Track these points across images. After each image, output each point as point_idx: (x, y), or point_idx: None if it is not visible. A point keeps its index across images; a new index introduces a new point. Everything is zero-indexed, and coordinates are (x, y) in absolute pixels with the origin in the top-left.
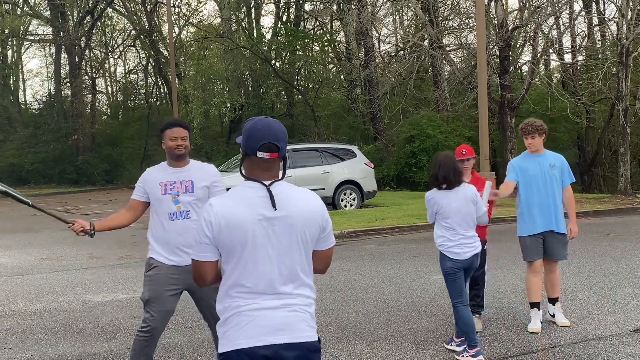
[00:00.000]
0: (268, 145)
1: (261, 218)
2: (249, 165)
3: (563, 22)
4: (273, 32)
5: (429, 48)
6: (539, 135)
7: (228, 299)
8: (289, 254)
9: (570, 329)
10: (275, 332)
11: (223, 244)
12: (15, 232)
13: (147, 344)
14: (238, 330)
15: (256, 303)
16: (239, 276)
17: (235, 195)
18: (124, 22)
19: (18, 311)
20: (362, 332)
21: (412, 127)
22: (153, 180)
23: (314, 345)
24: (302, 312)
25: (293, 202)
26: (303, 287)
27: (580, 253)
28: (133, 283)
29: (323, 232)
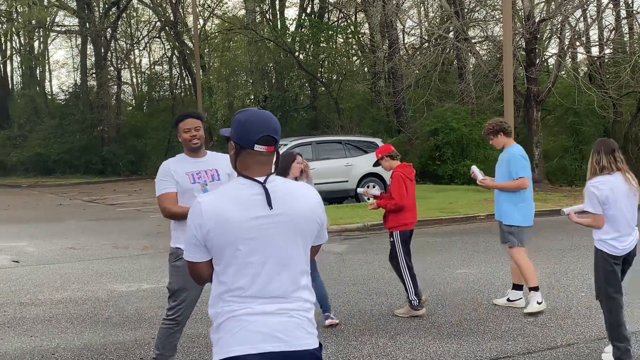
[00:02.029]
0: (266, 138)
1: (255, 217)
2: (243, 159)
3: (590, 15)
4: (297, 24)
5: (454, 40)
6: (493, 136)
7: (221, 302)
8: (287, 254)
9: (595, 325)
10: (271, 339)
11: (212, 245)
12: (40, 222)
13: (172, 332)
14: (232, 337)
15: (250, 308)
16: (231, 279)
17: (227, 194)
18: (149, 13)
19: (44, 300)
20: (385, 325)
21: (436, 120)
22: (179, 171)
23: (313, 353)
24: (300, 318)
25: (291, 199)
26: (301, 290)
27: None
28: (158, 273)
29: (321, 229)
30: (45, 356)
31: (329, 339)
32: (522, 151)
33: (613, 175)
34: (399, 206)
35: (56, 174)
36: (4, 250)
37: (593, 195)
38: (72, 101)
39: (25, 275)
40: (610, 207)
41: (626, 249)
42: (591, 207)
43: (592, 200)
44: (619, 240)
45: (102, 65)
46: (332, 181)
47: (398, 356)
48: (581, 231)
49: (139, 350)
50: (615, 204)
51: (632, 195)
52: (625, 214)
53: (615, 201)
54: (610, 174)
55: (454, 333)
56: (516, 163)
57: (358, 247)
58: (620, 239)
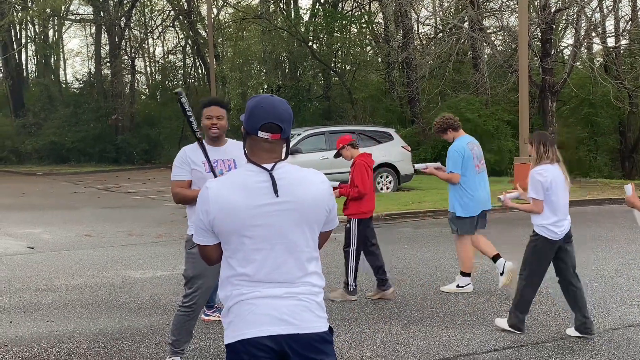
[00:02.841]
0: (270, 125)
1: (261, 205)
2: (250, 145)
3: (606, 5)
4: (311, 13)
5: (469, 30)
6: (442, 133)
7: (230, 286)
8: (294, 240)
9: (609, 315)
10: (279, 322)
11: (219, 230)
12: (56, 209)
13: (188, 319)
14: (242, 320)
15: (258, 291)
16: (238, 264)
17: (234, 180)
18: (163, 2)
19: (60, 286)
20: (399, 313)
21: (450, 110)
22: (196, 160)
23: (322, 336)
24: (308, 302)
25: (299, 186)
26: (309, 275)
27: (620, 239)
28: (172, 260)
29: (329, 215)
30: (61, 340)
31: (342, 326)
32: (460, 147)
33: (553, 165)
34: (362, 194)
35: (70, 162)
36: (19, 237)
37: (538, 182)
38: (86, 90)
39: (41, 261)
40: (552, 194)
41: (562, 233)
42: (535, 193)
43: (537, 187)
44: (557, 225)
45: (116, 54)
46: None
47: (411, 344)
48: (596, 222)
49: (153, 335)
50: (557, 190)
51: (566, 185)
52: (563, 201)
53: (557, 188)
54: (551, 163)
55: (467, 322)
56: (449, 158)
57: None
58: (558, 224)
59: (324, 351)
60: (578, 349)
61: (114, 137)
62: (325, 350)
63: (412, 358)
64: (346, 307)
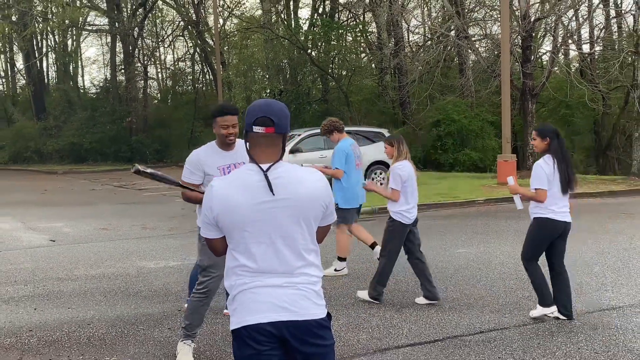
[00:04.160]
0: (262, 118)
1: (260, 202)
2: (250, 144)
3: (582, 15)
4: (310, 23)
5: (455, 38)
6: (329, 134)
7: (234, 276)
8: (291, 235)
9: (586, 300)
10: (279, 309)
11: (222, 225)
12: (75, 205)
13: (201, 304)
14: (245, 308)
15: (260, 281)
16: (241, 255)
17: (236, 179)
18: (173, 13)
19: (80, 275)
20: (392, 299)
21: (438, 112)
22: (211, 165)
23: (320, 322)
24: (306, 290)
25: (295, 184)
26: (307, 266)
27: (596, 230)
28: (183, 251)
29: (326, 210)
30: (81, 326)
31: (340, 311)
32: (345, 146)
33: (407, 162)
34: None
35: (88, 162)
36: (42, 230)
37: (398, 176)
38: (102, 95)
39: (62, 253)
40: (409, 185)
41: (413, 218)
42: (395, 184)
43: (397, 179)
44: (410, 211)
45: (130, 61)
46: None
47: (404, 327)
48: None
49: (166, 321)
50: (412, 182)
51: (415, 178)
52: (415, 192)
53: (412, 181)
54: (406, 159)
55: (455, 307)
56: (334, 156)
57: (366, 228)
58: (411, 210)
59: (321, 336)
60: (557, 331)
61: (128, 138)
62: (323, 335)
63: (405, 340)
64: (344, 294)
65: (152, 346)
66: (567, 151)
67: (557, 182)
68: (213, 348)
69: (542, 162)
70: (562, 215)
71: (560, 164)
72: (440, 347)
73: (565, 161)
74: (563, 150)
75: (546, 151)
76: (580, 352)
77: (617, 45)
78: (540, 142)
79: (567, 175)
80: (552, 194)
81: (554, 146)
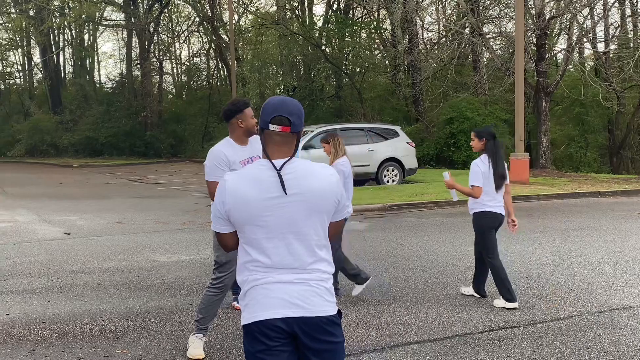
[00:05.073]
0: (279, 118)
1: (272, 197)
2: (264, 141)
3: (597, 13)
4: (324, 19)
5: (469, 36)
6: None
7: (246, 271)
8: (303, 230)
9: (596, 300)
10: (290, 305)
11: (234, 219)
12: (90, 199)
13: (216, 299)
14: (256, 303)
15: (271, 277)
16: (253, 251)
17: (248, 174)
18: (188, 9)
19: (93, 268)
20: (402, 296)
21: (451, 109)
22: (236, 160)
23: (331, 319)
24: (318, 287)
25: (306, 179)
26: (319, 262)
27: (607, 229)
28: (195, 246)
29: (339, 205)
30: (94, 318)
31: (350, 307)
32: None
33: (346, 158)
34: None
35: (104, 156)
36: (57, 223)
37: (342, 172)
38: (118, 89)
39: (76, 246)
40: (349, 181)
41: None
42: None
43: (340, 174)
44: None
45: (146, 56)
46: (354, 165)
47: (413, 324)
48: (585, 213)
49: (178, 314)
50: (350, 178)
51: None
52: (352, 187)
53: (351, 177)
54: (344, 156)
55: (465, 304)
56: None
57: (378, 225)
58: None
59: (332, 333)
60: (567, 330)
61: (143, 132)
62: (333, 332)
63: (414, 337)
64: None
65: (164, 339)
66: (501, 151)
67: (492, 179)
68: (223, 342)
69: (479, 161)
70: (498, 208)
71: (494, 163)
72: (449, 345)
73: (499, 160)
74: (498, 150)
75: (483, 151)
76: (590, 352)
77: (632, 43)
78: (478, 143)
79: (500, 172)
80: (488, 191)
81: (489, 146)
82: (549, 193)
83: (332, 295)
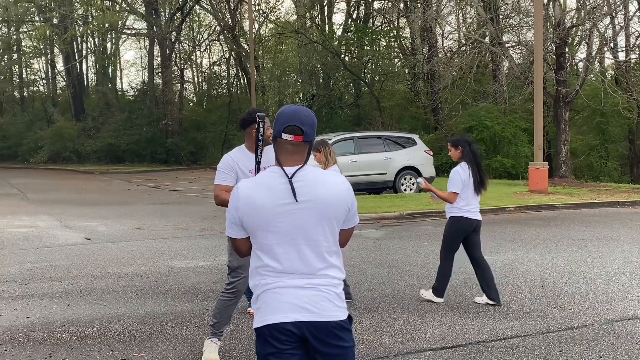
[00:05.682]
0: (292, 127)
1: (283, 204)
2: (277, 149)
3: (618, 22)
4: (343, 28)
5: (489, 44)
6: None
7: (258, 276)
8: (314, 237)
9: (611, 309)
10: (301, 310)
11: (247, 225)
12: (111, 204)
13: (230, 304)
14: (268, 307)
15: (282, 281)
16: (264, 256)
17: (261, 180)
18: (209, 18)
19: (113, 273)
20: (416, 304)
21: (470, 118)
22: (244, 168)
23: (341, 324)
24: (328, 292)
25: (318, 188)
26: (329, 268)
27: (625, 239)
28: (213, 252)
29: (349, 213)
30: (112, 322)
31: (364, 314)
32: None
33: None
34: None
35: (125, 163)
36: (78, 229)
37: None
38: (140, 97)
39: (96, 251)
40: None
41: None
42: None
43: None
44: None
45: (167, 65)
46: (371, 173)
47: (427, 332)
48: (603, 223)
49: (195, 319)
50: None
51: None
52: None
53: None
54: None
55: (479, 313)
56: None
57: (394, 233)
58: None
59: (342, 337)
60: (580, 339)
61: (164, 140)
62: (343, 337)
63: (427, 344)
64: (369, 297)
65: (180, 343)
66: (479, 157)
67: (471, 185)
68: (238, 346)
69: (459, 169)
70: (474, 214)
71: (473, 170)
72: (462, 353)
73: (478, 166)
74: (475, 157)
75: (461, 159)
76: None
77: None
78: (455, 152)
79: (479, 178)
80: (466, 196)
81: (466, 154)
82: (568, 202)
83: (343, 301)
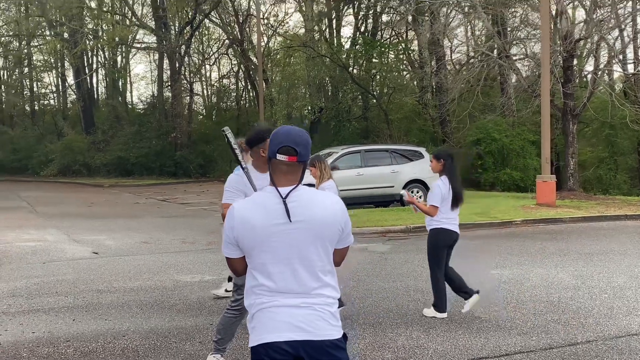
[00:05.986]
0: (286, 148)
1: (277, 224)
2: (272, 169)
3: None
4: (351, 41)
5: (496, 57)
6: None
7: (253, 295)
8: (308, 257)
9: (615, 324)
10: (295, 329)
11: (242, 245)
12: (119, 218)
13: (234, 320)
14: (263, 326)
15: (277, 301)
16: (259, 275)
17: (256, 200)
18: (219, 32)
19: (118, 288)
20: (420, 319)
21: (478, 130)
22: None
23: (335, 342)
24: (322, 312)
25: (312, 209)
26: (323, 287)
27: (632, 253)
28: (219, 266)
29: (343, 233)
30: (116, 337)
31: (367, 330)
32: None
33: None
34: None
35: (134, 176)
36: (86, 243)
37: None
38: (149, 110)
39: (103, 265)
40: None
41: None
42: None
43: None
44: None
45: (177, 78)
46: (378, 186)
47: (430, 347)
48: (610, 237)
49: (199, 334)
50: None
51: None
52: None
53: None
54: (330, 179)
55: (483, 328)
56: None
57: (400, 247)
58: None
59: (336, 356)
60: (583, 355)
61: (173, 153)
62: (338, 356)
63: None
64: (372, 313)
65: (183, 359)
66: (457, 171)
67: (450, 199)
68: None
69: (440, 182)
70: (453, 226)
71: (453, 183)
72: None
73: (456, 181)
74: (455, 171)
75: (442, 172)
76: None
77: None
78: (437, 164)
79: (457, 192)
80: (445, 209)
81: (448, 167)
82: (575, 216)
83: (337, 320)
